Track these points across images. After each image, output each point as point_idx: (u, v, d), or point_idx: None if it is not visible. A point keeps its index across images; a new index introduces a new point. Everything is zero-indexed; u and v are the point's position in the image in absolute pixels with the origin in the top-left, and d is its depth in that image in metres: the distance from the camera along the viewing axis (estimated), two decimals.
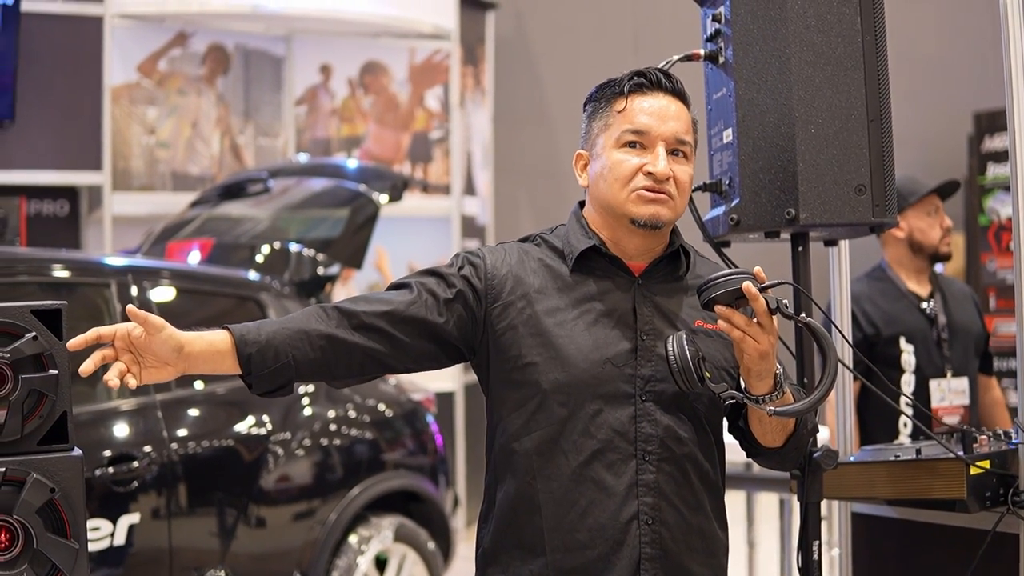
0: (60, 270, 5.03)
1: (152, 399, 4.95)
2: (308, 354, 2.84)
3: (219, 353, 2.79)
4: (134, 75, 8.41)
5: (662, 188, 2.88)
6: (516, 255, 3.00)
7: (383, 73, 9.26)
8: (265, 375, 2.82)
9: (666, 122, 2.91)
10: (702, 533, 2.92)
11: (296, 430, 5.46)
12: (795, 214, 3.31)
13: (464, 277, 2.95)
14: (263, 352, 2.80)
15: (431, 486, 6.15)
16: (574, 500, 2.85)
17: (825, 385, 2.75)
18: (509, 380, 2.91)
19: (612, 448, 2.85)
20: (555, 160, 10.80)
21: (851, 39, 3.36)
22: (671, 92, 2.96)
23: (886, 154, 3.36)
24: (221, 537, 5.08)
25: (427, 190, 9.15)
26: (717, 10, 3.51)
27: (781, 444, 2.93)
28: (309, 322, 2.86)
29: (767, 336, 2.72)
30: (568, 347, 2.87)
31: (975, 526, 3.49)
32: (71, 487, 2.72)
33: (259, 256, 6.21)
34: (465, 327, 2.93)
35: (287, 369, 2.82)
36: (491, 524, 2.97)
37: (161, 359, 2.74)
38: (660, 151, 2.89)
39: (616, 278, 2.95)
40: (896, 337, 5.25)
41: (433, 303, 2.91)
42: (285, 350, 2.82)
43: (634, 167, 2.89)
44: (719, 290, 2.73)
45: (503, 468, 2.94)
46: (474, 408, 9.46)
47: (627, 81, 2.95)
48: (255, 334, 2.81)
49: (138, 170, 8.41)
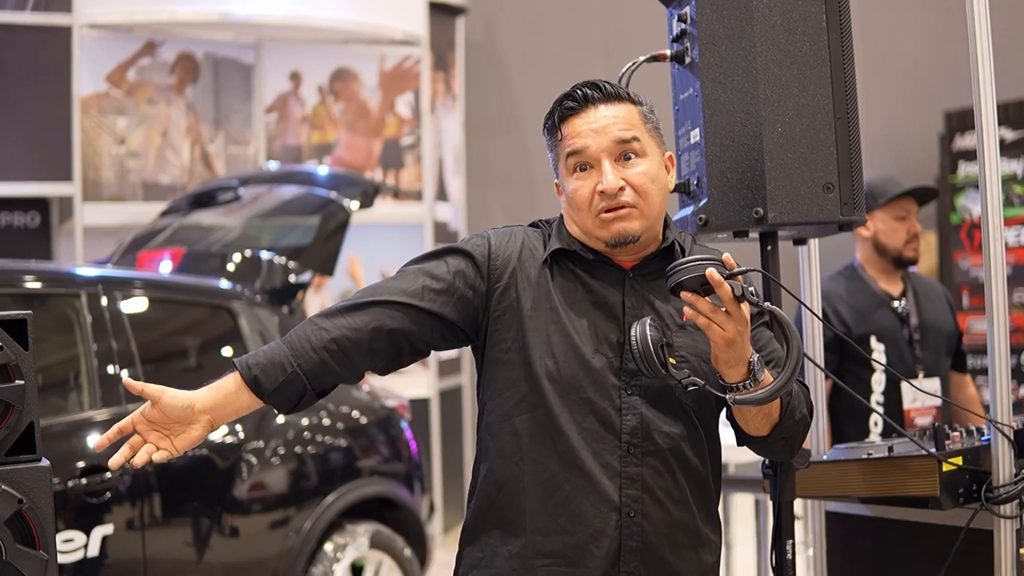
0: (31, 281, 5.01)
1: (125, 409, 4.92)
2: (313, 359, 2.87)
3: (230, 392, 2.86)
4: (103, 85, 8.39)
5: (619, 203, 2.86)
6: (520, 240, 3.00)
7: (353, 80, 9.25)
8: (277, 390, 2.86)
9: (601, 133, 2.89)
10: (686, 528, 2.91)
11: (270, 438, 5.44)
12: (763, 213, 3.31)
13: (470, 257, 2.96)
14: (267, 370, 2.85)
15: (406, 493, 6.14)
16: (558, 485, 2.86)
17: (787, 373, 2.72)
18: (501, 361, 2.92)
19: (598, 438, 2.85)
20: (527, 164, 10.81)
21: (817, 38, 3.36)
22: (602, 100, 2.93)
23: (854, 152, 3.36)
24: (196, 547, 5.06)
25: (398, 196, 9.13)
26: (683, 10, 3.51)
27: (767, 433, 2.92)
28: (309, 329, 2.89)
29: (734, 323, 2.69)
30: (559, 335, 2.88)
31: (949, 523, 3.50)
32: (39, 498, 2.71)
33: (231, 264, 6.19)
34: (468, 309, 2.94)
35: (296, 379, 2.86)
36: (473, 502, 2.99)
37: (182, 422, 2.78)
38: (605, 165, 2.88)
39: (608, 272, 2.95)
40: (867, 336, 5.24)
41: (437, 289, 2.92)
42: (289, 362, 2.86)
43: (589, 192, 2.89)
44: (683, 276, 2.71)
45: (489, 446, 2.96)
46: (449, 414, 9.45)
47: (556, 111, 2.95)
48: (256, 356, 2.87)
49: (108, 180, 8.38)
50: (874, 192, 5.29)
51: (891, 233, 5.34)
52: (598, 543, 2.84)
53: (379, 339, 2.89)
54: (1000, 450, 3.45)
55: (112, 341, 4.99)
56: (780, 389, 2.74)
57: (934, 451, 3.40)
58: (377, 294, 2.92)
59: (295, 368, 2.85)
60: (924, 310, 5.39)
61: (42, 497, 2.71)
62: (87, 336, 4.95)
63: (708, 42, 3.42)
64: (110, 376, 4.94)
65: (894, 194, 5.33)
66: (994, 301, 3.52)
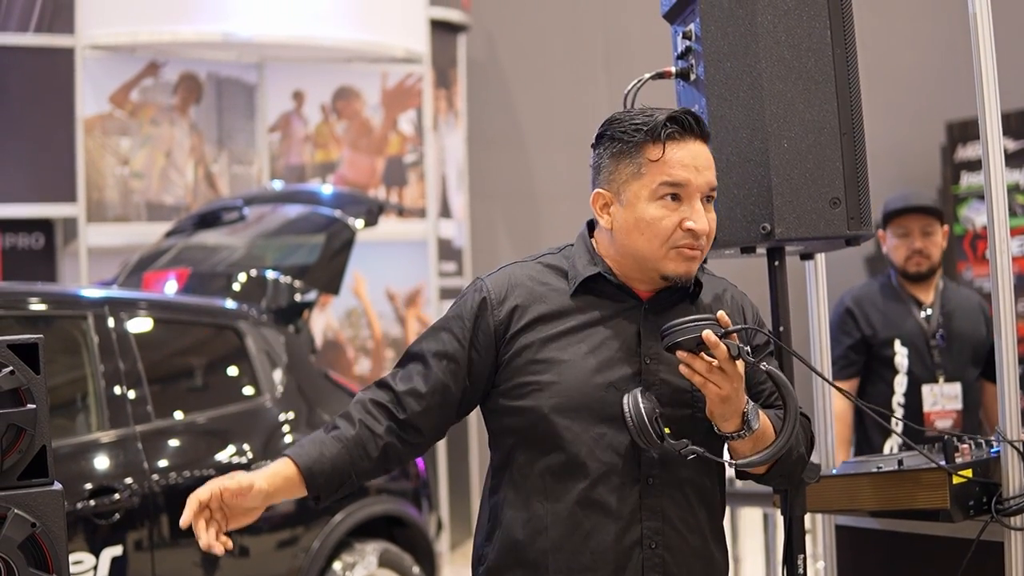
0: (37, 303, 5.01)
1: (132, 431, 4.93)
2: (367, 466, 2.96)
3: (293, 487, 2.94)
4: (106, 106, 8.39)
5: (699, 245, 2.85)
6: (522, 279, 2.98)
7: (356, 98, 9.26)
8: (332, 495, 2.97)
9: (702, 172, 2.85)
10: (702, 556, 2.93)
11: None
12: (770, 229, 3.32)
13: (476, 320, 2.97)
14: (330, 480, 2.93)
15: (414, 510, 6.13)
16: (579, 522, 2.86)
17: (785, 435, 2.78)
18: (513, 408, 2.92)
19: (616, 472, 2.85)
20: (530, 180, 10.81)
21: (821, 53, 3.37)
22: (701, 137, 2.89)
23: (860, 166, 3.37)
24: (204, 568, 5.05)
25: (403, 214, 9.13)
26: (687, 27, 3.52)
27: (764, 472, 2.93)
28: (364, 432, 2.96)
29: (729, 381, 2.72)
30: (571, 370, 2.87)
31: (959, 535, 3.50)
32: (52, 521, 2.71)
33: (236, 284, 6.19)
34: (484, 374, 2.97)
35: (351, 484, 2.97)
36: (496, 543, 2.97)
37: (248, 510, 2.89)
38: (698, 206, 2.85)
39: (623, 302, 2.93)
40: (891, 340, 5.52)
41: (456, 374, 2.97)
42: (349, 471, 2.94)
43: (674, 224, 2.84)
44: (680, 337, 2.73)
45: (512, 489, 2.95)
46: (456, 432, 9.42)
47: (662, 128, 2.84)
48: (321, 463, 2.93)
49: (112, 201, 8.38)
50: (885, 211, 5.62)
51: (893, 250, 5.63)
52: None
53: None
54: (1010, 462, 3.45)
55: (119, 362, 5.00)
56: (780, 450, 2.80)
57: (944, 464, 3.40)
58: (414, 403, 2.98)
59: (353, 478, 2.95)
60: (953, 319, 5.59)
61: (55, 521, 2.71)
62: (94, 357, 4.95)
63: (713, 59, 3.43)
64: (117, 397, 4.94)
65: (892, 210, 5.60)
66: (1002, 312, 3.51)
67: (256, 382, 5.62)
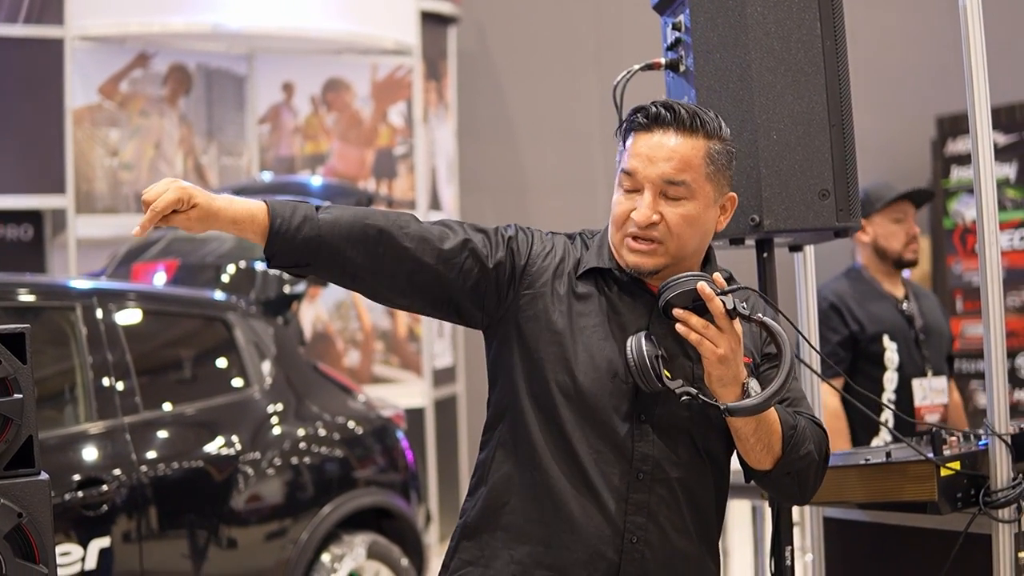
0: (25, 294, 5.00)
1: (120, 422, 4.92)
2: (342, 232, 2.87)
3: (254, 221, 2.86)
4: (96, 97, 8.37)
5: (648, 235, 2.82)
6: (560, 252, 2.97)
7: (346, 90, 9.24)
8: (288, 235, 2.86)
9: (655, 164, 2.81)
10: (687, 558, 2.91)
11: (266, 449, 5.44)
12: (759, 220, 3.32)
13: (511, 250, 2.94)
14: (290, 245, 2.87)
15: (403, 502, 6.13)
16: (566, 501, 2.85)
17: (779, 381, 2.72)
18: (523, 370, 2.91)
19: (609, 461, 2.85)
20: (520, 173, 10.81)
21: (811, 45, 3.37)
22: (673, 126, 2.83)
23: (848, 158, 3.37)
24: (193, 559, 5.05)
25: (392, 206, 9.12)
26: (677, 19, 3.52)
27: (770, 467, 2.89)
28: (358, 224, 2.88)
29: (726, 339, 2.71)
30: (580, 355, 2.87)
31: (947, 528, 3.51)
32: (39, 511, 2.71)
33: (225, 276, 6.19)
34: (487, 298, 2.93)
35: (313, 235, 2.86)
36: (479, 500, 2.97)
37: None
38: (646, 195, 2.82)
39: (636, 295, 2.92)
40: (879, 335, 5.34)
41: (472, 264, 2.91)
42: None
43: (625, 212, 2.85)
44: (673, 292, 2.72)
45: (506, 450, 2.94)
46: (444, 424, 9.44)
47: (631, 118, 2.87)
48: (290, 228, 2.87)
49: (102, 192, 8.36)
50: (871, 197, 5.40)
51: (890, 236, 5.43)
52: (597, 564, 2.84)
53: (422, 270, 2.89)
54: (998, 454, 3.46)
55: (107, 353, 4.99)
56: (773, 396, 2.73)
57: (932, 456, 3.41)
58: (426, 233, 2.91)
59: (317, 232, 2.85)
60: (926, 313, 5.51)
61: (41, 511, 2.71)
62: (82, 349, 4.94)
63: (703, 50, 3.43)
64: (105, 388, 4.94)
65: (890, 198, 5.42)
66: (991, 306, 3.52)
67: (245, 374, 5.62)
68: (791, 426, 2.86)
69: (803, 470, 2.92)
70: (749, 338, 2.90)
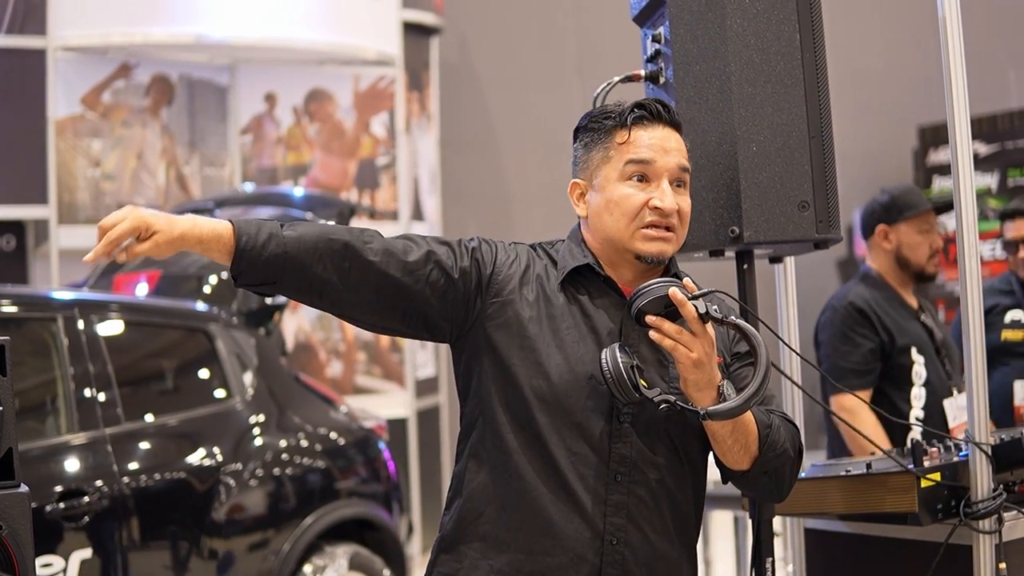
0: (7, 305, 4.99)
1: (102, 433, 4.91)
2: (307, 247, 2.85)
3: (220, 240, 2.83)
4: (78, 107, 8.37)
5: (668, 223, 2.89)
6: (524, 260, 3.00)
7: (328, 100, 9.25)
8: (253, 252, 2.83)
9: (669, 154, 2.91)
10: (666, 559, 2.92)
11: (248, 460, 5.43)
12: (739, 232, 3.32)
13: (476, 260, 2.95)
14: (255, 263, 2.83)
15: (385, 513, 6.12)
16: (544, 506, 2.85)
17: (756, 383, 2.72)
18: (494, 378, 2.91)
19: (586, 464, 2.85)
20: (502, 183, 10.82)
21: (791, 57, 3.38)
22: (670, 124, 2.96)
23: (828, 170, 3.38)
24: (175, 570, 5.03)
25: (375, 217, 9.12)
26: (657, 31, 3.52)
27: (748, 467, 2.90)
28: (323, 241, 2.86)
29: (700, 343, 2.72)
30: (553, 358, 2.87)
31: (928, 539, 3.51)
32: (18, 524, 2.70)
33: (207, 287, 6.18)
34: (455, 308, 2.93)
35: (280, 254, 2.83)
36: (455, 512, 2.98)
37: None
38: (665, 185, 2.90)
39: (608, 297, 2.94)
40: (908, 347, 5.01)
41: (438, 276, 2.91)
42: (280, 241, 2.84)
43: (641, 202, 2.89)
44: (645, 299, 2.73)
45: (479, 460, 2.94)
46: (426, 434, 9.44)
47: (629, 113, 2.93)
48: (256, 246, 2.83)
49: (84, 203, 8.35)
50: (898, 204, 5.15)
51: (915, 247, 5.14)
52: (578, 567, 2.84)
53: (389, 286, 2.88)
54: (978, 466, 3.47)
55: (89, 365, 4.98)
56: (752, 398, 2.73)
57: (912, 467, 3.42)
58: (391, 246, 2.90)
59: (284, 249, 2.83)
60: (939, 326, 5.23)
61: (21, 523, 2.70)
62: (64, 360, 4.93)
63: (682, 62, 3.43)
64: (87, 399, 4.92)
65: (924, 208, 5.16)
66: (970, 317, 3.53)
67: (226, 385, 5.61)
68: (766, 425, 2.88)
69: (779, 468, 2.94)
70: (719, 338, 2.92)
